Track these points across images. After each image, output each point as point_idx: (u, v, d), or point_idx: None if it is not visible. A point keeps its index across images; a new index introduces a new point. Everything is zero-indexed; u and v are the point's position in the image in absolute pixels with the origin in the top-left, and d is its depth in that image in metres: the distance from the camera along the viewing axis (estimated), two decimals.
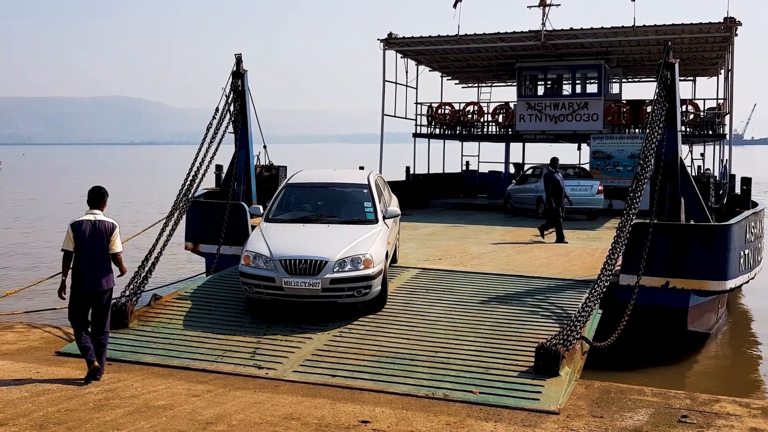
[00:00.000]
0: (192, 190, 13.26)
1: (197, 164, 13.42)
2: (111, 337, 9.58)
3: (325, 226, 10.90)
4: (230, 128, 14.77)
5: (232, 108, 14.67)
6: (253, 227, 13.74)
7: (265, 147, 16.66)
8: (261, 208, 11.71)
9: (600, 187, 22.24)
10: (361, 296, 9.98)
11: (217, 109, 14.26)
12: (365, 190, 11.78)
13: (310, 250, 9.94)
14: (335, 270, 9.78)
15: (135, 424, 6.62)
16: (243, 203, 14.17)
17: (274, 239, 10.29)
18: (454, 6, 26.22)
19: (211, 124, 14.03)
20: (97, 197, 8.31)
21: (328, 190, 12.13)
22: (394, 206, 12.37)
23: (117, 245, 8.15)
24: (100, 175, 78.92)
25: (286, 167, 17.34)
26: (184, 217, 13.54)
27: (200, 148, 13.60)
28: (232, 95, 14.68)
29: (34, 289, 15.06)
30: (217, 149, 13.82)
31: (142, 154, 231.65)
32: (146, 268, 11.38)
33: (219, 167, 16.71)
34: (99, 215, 8.20)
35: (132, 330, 9.93)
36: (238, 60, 14.81)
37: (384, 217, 11.31)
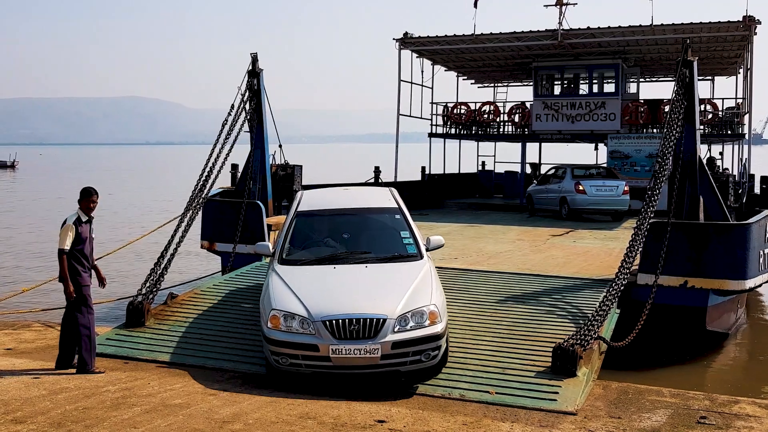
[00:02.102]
0: (206, 189, 13.27)
1: (212, 163, 13.43)
2: (128, 336, 9.65)
3: (361, 267, 8.62)
4: (246, 127, 14.80)
5: (247, 107, 14.69)
6: (269, 227, 13.76)
7: (280, 146, 16.68)
8: (269, 245, 9.47)
9: (626, 188, 21.77)
10: (429, 360, 7.79)
11: (232, 107, 14.28)
12: (397, 216, 9.62)
13: (360, 305, 7.77)
14: (396, 329, 7.65)
15: (152, 423, 6.63)
16: (258, 202, 14.19)
17: (305, 291, 8.08)
18: (475, 5, 26.15)
19: (226, 121, 14.05)
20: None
21: (352, 217, 9.81)
22: (436, 237, 9.53)
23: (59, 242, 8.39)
24: (126, 174, 79.47)
25: (301, 166, 17.35)
26: (200, 215, 13.56)
27: (215, 147, 13.62)
28: (247, 94, 14.71)
29: (47, 287, 15.15)
30: (231, 148, 13.82)
31: (158, 154, 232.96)
32: (161, 266, 11.40)
33: (235, 166, 16.75)
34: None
35: (148, 329, 9.95)
36: (254, 59, 14.83)
37: (427, 249, 9.16)
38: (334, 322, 7.63)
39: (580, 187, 21.60)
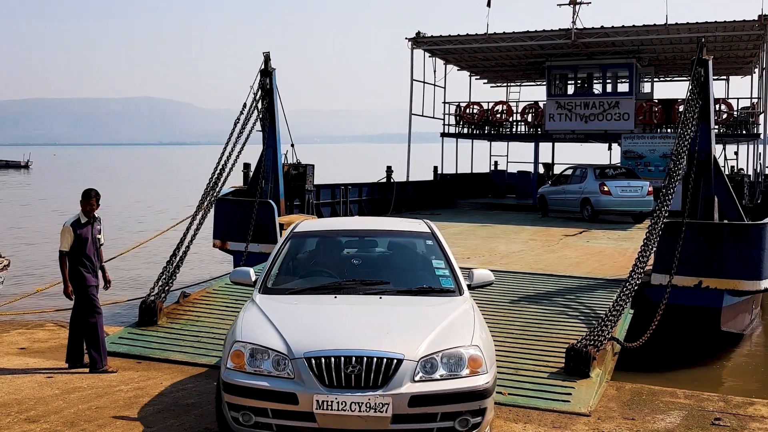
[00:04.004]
0: (218, 188, 13.30)
1: (224, 162, 13.45)
2: (141, 335, 9.68)
3: (373, 299, 6.35)
4: (258, 127, 14.82)
5: (259, 106, 14.71)
6: (281, 226, 13.75)
7: (292, 145, 16.69)
8: (250, 272, 6.86)
9: (650, 188, 21.03)
10: (469, 428, 5.47)
11: (244, 106, 14.30)
12: (429, 241, 7.29)
13: (364, 339, 5.50)
14: (418, 377, 5.36)
15: (165, 422, 6.64)
16: (271, 201, 14.21)
17: (288, 322, 5.83)
18: (488, 5, 26.14)
19: (238, 120, 14.07)
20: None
21: (367, 240, 7.66)
22: (482, 271, 7.07)
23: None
24: (140, 174, 79.83)
25: (313, 166, 17.35)
26: (212, 214, 13.59)
27: (227, 146, 13.64)
28: (260, 93, 14.73)
29: (61, 287, 15.18)
30: (243, 146, 13.84)
31: (171, 154, 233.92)
32: (174, 265, 11.41)
33: (247, 165, 16.77)
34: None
35: (161, 327, 9.96)
36: (266, 58, 14.85)
37: (470, 287, 6.76)
38: (323, 360, 5.30)
39: (605, 188, 20.97)
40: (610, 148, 30.73)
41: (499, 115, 29.29)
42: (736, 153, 29.63)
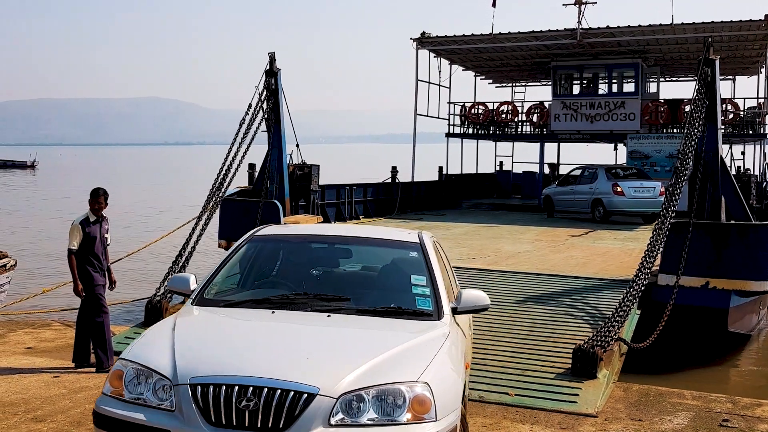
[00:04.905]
0: (224, 188, 13.30)
1: (229, 162, 13.46)
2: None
3: (320, 318, 5.15)
4: (263, 127, 14.82)
5: (265, 106, 14.71)
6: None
7: (297, 146, 16.69)
8: (190, 279, 5.66)
9: (662, 189, 20.55)
10: None
11: (249, 106, 14.31)
12: (414, 253, 5.96)
13: (276, 367, 4.27)
14: (336, 420, 4.13)
15: None
16: (276, 201, 14.22)
17: (194, 340, 4.74)
18: (493, 5, 26.10)
19: (243, 120, 14.09)
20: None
21: (336, 249, 6.43)
22: (474, 292, 5.64)
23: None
24: (146, 174, 79.91)
25: (318, 166, 17.35)
26: (217, 214, 13.59)
27: (232, 146, 13.64)
28: (265, 93, 14.73)
29: (68, 287, 15.22)
30: (249, 147, 13.84)
31: (177, 154, 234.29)
32: (179, 265, 11.41)
33: (252, 166, 16.78)
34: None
35: None
36: (272, 58, 14.84)
37: (455, 311, 5.44)
38: (210, 389, 4.14)
39: (618, 189, 20.67)
40: (615, 149, 30.66)
41: (504, 116, 29.25)
42: (743, 153, 29.55)
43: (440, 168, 28.59)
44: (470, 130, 29.88)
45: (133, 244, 18.18)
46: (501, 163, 34.52)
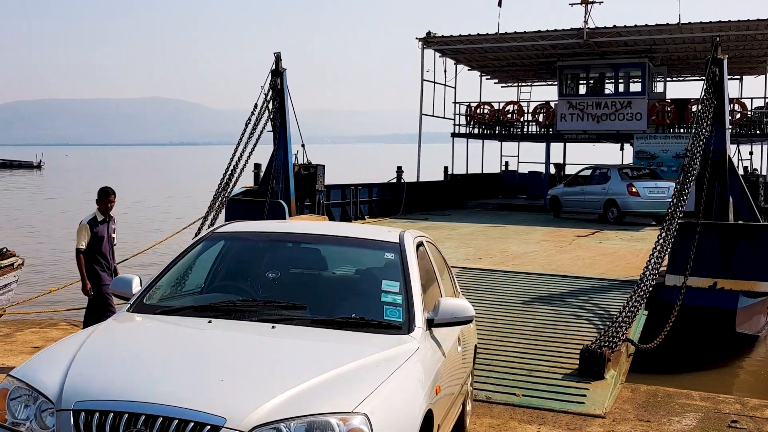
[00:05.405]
0: (229, 188, 13.30)
1: (235, 162, 13.46)
2: None
3: (263, 329, 4.41)
4: (269, 127, 14.83)
5: (270, 106, 14.71)
6: None
7: (303, 146, 16.68)
8: (134, 281, 4.99)
9: None
10: None
11: (255, 106, 14.32)
12: (391, 255, 5.09)
13: (179, 389, 3.60)
14: None
15: None
16: (281, 201, 14.22)
17: (99, 354, 4.08)
18: (499, 4, 26.09)
19: (249, 120, 14.10)
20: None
21: (307, 248, 5.59)
22: (454, 301, 4.92)
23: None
24: (151, 174, 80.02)
25: (324, 166, 17.35)
26: (223, 214, 13.60)
27: (238, 146, 13.64)
28: (270, 93, 14.73)
29: (75, 287, 15.23)
30: (254, 147, 13.85)
31: (182, 154, 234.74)
32: None
33: (257, 166, 16.79)
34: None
35: None
36: (277, 58, 14.84)
37: (431, 323, 4.68)
38: (95, 417, 3.49)
39: (633, 189, 20.35)
40: (622, 149, 30.59)
41: (510, 115, 29.20)
42: (751, 153, 29.43)
43: (446, 168, 28.56)
44: (476, 130, 29.84)
45: (138, 244, 18.18)
46: (506, 163, 34.47)
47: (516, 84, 35.14)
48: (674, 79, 32.82)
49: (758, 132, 25.64)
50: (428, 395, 4.11)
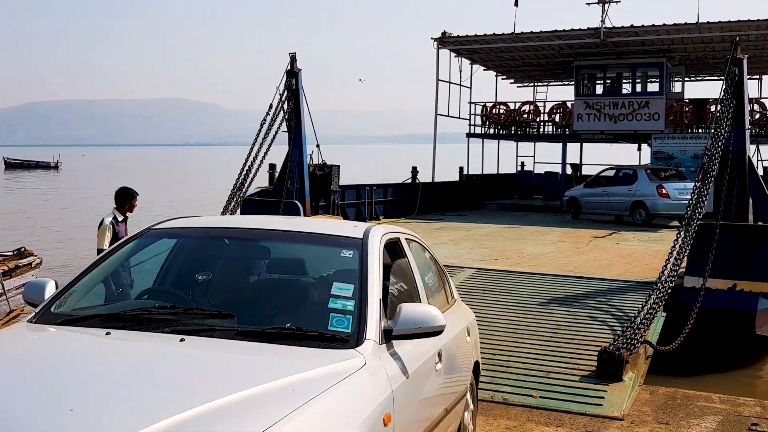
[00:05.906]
0: (245, 188, 13.34)
1: (250, 162, 13.49)
2: None
3: (170, 342, 3.58)
4: (284, 127, 14.85)
5: (285, 106, 14.73)
6: None
7: (318, 146, 16.69)
8: (47, 286, 4.22)
9: None
10: None
11: (270, 106, 14.35)
12: (349, 252, 4.27)
13: (12, 424, 2.67)
14: None
15: None
16: (296, 201, 14.23)
17: None
18: (516, 4, 26.01)
19: (264, 120, 14.13)
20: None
21: (251, 245, 4.81)
22: (420, 308, 3.93)
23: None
24: (168, 175, 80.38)
25: (338, 166, 17.34)
26: (238, 213, 13.63)
27: (253, 146, 13.67)
28: (285, 93, 14.75)
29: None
30: (269, 147, 13.88)
31: (198, 155, 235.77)
32: None
33: (272, 166, 16.81)
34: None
35: None
36: (293, 59, 14.86)
37: (388, 335, 3.78)
38: None
39: (663, 191, 19.98)
40: (639, 149, 30.38)
41: (526, 116, 29.10)
42: None
43: (461, 168, 28.47)
44: (491, 131, 29.75)
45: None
46: (522, 163, 34.33)
47: (532, 84, 34.99)
48: (692, 78, 32.57)
49: None
50: (367, 425, 3.22)
